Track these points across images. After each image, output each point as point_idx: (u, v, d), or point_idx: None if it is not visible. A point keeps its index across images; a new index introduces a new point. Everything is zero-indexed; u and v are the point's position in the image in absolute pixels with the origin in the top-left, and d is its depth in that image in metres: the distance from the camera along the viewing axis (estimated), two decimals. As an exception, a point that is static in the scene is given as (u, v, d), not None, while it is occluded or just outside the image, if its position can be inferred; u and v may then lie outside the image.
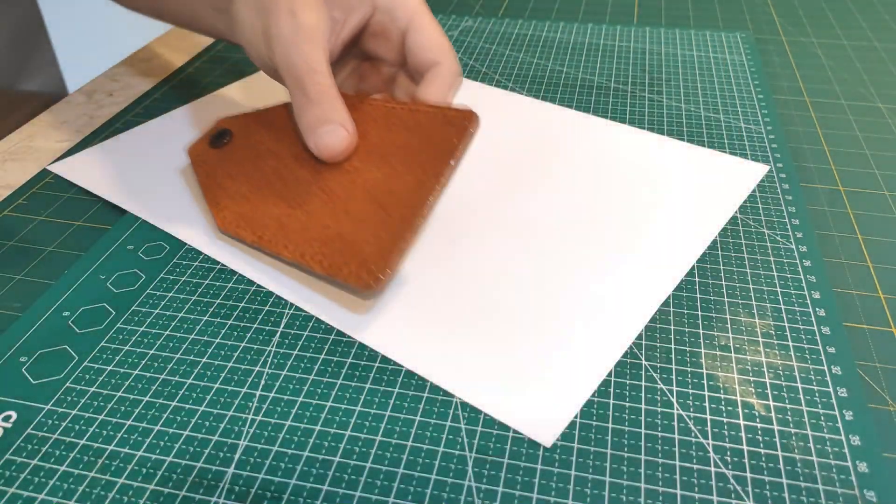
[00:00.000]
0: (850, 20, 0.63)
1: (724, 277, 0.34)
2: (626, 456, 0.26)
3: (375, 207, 0.33)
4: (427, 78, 0.37)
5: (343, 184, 0.34)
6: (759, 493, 0.25)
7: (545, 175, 0.41)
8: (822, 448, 0.26)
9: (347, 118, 0.34)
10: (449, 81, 0.36)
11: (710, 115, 0.47)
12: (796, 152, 0.44)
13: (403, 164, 0.34)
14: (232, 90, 0.49)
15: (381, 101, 0.36)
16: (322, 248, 0.32)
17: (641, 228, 0.37)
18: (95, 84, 0.52)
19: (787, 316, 0.32)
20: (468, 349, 0.30)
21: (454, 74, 0.37)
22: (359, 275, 0.30)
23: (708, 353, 0.30)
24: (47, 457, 0.26)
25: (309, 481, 0.25)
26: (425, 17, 0.37)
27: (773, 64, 0.55)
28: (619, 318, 0.31)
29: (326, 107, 0.34)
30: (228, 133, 0.39)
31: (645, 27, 0.60)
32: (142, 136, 0.44)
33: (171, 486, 0.25)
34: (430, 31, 0.37)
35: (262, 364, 0.30)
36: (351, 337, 0.31)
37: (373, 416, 0.27)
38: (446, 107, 0.34)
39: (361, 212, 0.33)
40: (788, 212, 0.38)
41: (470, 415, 0.27)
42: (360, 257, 0.31)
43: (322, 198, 0.34)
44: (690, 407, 0.28)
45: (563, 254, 0.35)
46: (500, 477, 0.25)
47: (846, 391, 0.28)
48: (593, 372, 0.29)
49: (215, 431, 0.27)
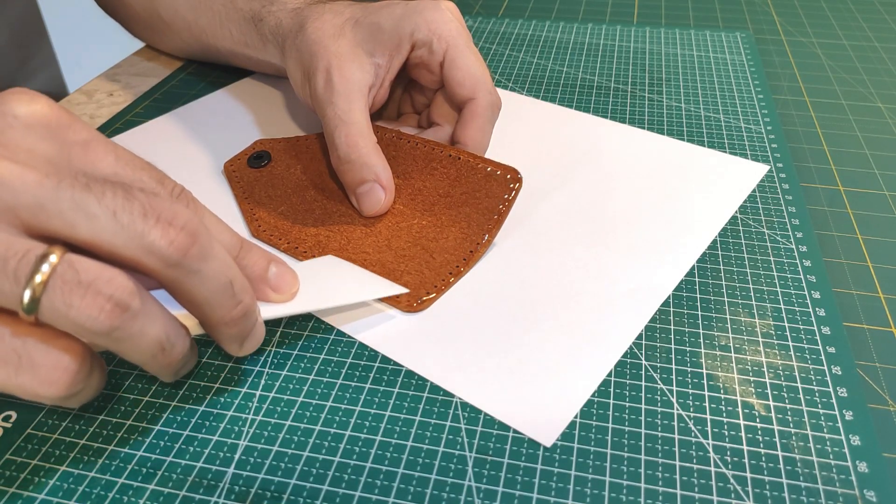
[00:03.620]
0: (850, 20, 0.63)
1: (724, 277, 0.34)
2: (626, 456, 0.26)
3: (419, 250, 0.34)
4: (463, 116, 0.37)
5: (388, 224, 0.35)
6: (759, 493, 0.25)
7: (543, 174, 0.41)
8: (822, 448, 0.26)
9: (382, 171, 0.35)
10: (483, 120, 0.37)
11: (710, 115, 0.47)
12: (796, 152, 0.44)
13: (448, 216, 0.35)
14: (232, 90, 0.49)
15: (422, 143, 0.37)
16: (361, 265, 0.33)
17: (641, 228, 0.37)
18: (95, 84, 0.52)
19: (787, 316, 0.32)
20: (468, 349, 0.30)
21: (488, 110, 0.37)
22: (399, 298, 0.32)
23: (708, 353, 0.30)
24: (47, 457, 0.26)
25: (309, 481, 0.25)
26: (460, 50, 0.37)
27: (773, 64, 0.55)
28: (619, 318, 0.31)
29: (358, 164, 0.35)
30: (267, 156, 0.40)
31: (645, 27, 0.60)
32: (141, 137, 0.44)
33: (171, 486, 0.25)
34: (465, 65, 0.37)
35: (262, 364, 0.30)
36: (351, 337, 0.31)
37: (373, 416, 0.27)
38: (487, 163, 0.35)
39: (405, 250, 0.34)
40: (788, 212, 0.38)
41: (470, 415, 0.27)
42: (401, 281, 0.32)
43: (365, 231, 0.35)
44: (690, 407, 0.28)
45: (562, 253, 0.35)
46: (500, 477, 0.25)
47: (846, 391, 0.28)
48: (593, 372, 0.29)
49: (215, 431, 0.27)
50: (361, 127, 0.35)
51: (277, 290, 0.28)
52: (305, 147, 0.40)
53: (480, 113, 0.37)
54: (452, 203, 0.35)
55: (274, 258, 0.29)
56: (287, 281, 0.29)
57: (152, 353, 0.24)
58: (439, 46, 0.37)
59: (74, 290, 0.21)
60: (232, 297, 0.25)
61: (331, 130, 0.35)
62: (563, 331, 0.31)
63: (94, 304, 0.21)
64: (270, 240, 0.35)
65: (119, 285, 0.22)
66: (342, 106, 0.35)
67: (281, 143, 0.41)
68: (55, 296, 0.21)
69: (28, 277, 0.21)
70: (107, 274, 0.22)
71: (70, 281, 0.21)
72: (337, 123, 0.35)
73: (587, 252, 0.35)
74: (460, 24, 0.38)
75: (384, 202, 0.35)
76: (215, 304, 0.24)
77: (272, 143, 0.41)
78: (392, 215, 0.36)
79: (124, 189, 0.23)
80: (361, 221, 0.36)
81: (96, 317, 0.21)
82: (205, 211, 0.27)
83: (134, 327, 0.22)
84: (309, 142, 0.40)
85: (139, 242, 0.22)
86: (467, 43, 0.37)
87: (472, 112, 0.37)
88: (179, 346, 0.25)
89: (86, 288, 0.21)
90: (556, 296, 0.33)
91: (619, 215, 0.38)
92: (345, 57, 0.36)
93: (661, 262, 0.35)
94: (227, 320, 0.25)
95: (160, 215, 0.23)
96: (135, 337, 0.23)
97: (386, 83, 0.38)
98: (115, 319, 0.22)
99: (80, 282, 0.21)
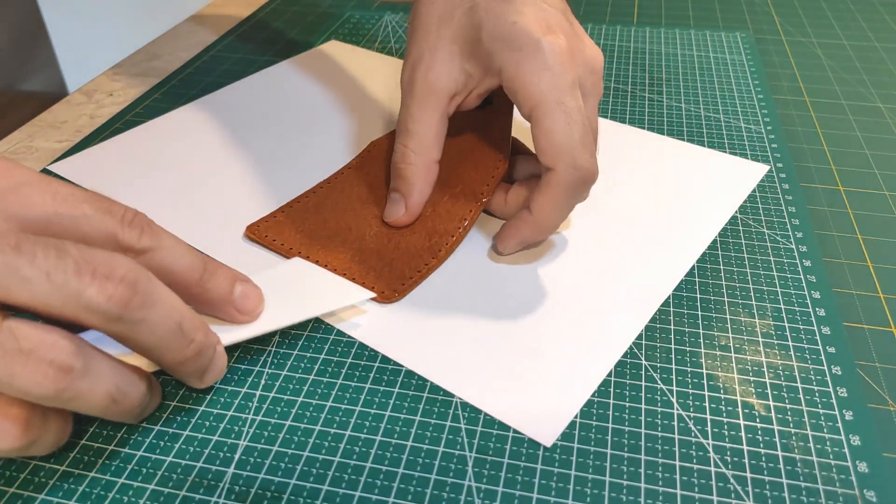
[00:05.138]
0: (850, 20, 0.63)
1: (724, 277, 0.34)
2: (626, 456, 0.26)
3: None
4: (539, 183, 0.32)
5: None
6: (759, 493, 0.25)
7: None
8: (822, 448, 0.26)
9: (417, 192, 0.34)
10: (557, 194, 0.31)
11: (710, 115, 0.47)
12: (796, 152, 0.44)
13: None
14: (232, 91, 0.49)
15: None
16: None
17: (641, 228, 0.37)
18: (95, 84, 0.52)
19: (787, 316, 0.32)
20: (468, 349, 0.30)
21: (568, 186, 0.31)
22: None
23: (708, 353, 0.30)
24: (47, 457, 0.26)
25: (309, 481, 0.25)
26: (546, 110, 0.30)
27: (773, 64, 0.55)
28: (619, 318, 0.31)
29: (401, 175, 0.35)
30: None
31: (645, 27, 0.60)
32: (142, 136, 0.44)
33: (171, 486, 0.25)
34: (549, 130, 0.30)
35: (262, 364, 0.30)
36: (351, 337, 0.31)
37: (373, 416, 0.27)
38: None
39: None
40: (788, 212, 0.38)
41: (470, 415, 0.27)
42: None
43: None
44: (690, 407, 0.28)
45: (562, 253, 0.35)
46: (500, 477, 0.25)
47: (846, 391, 0.28)
48: (593, 372, 0.29)
49: (215, 431, 0.27)
50: (422, 140, 0.34)
51: (242, 311, 0.28)
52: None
53: (555, 186, 0.31)
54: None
55: (239, 276, 0.28)
56: (253, 301, 0.28)
57: (104, 406, 0.23)
58: (525, 101, 0.31)
59: (16, 359, 0.21)
60: (182, 338, 0.24)
61: (397, 132, 0.35)
62: (563, 331, 0.31)
63: (38, 371, 0.21)
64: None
65: (61, 349, 0.22)
66: (414, 112, 0.34)
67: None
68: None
69: None
70: (49, 338, 0.22)
71: (10, 350, 0.21)
72: (401, 129, 0.35)
73: (587, 252, 0.35)
74: (561, 73, 0.31)
75: (401, 220, 0.35)
76: (166, 349, 0.24)
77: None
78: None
79: (56, 246, 0.22)
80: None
81: (40, 382, 0.21)
82: (163, 235, 0.26)
83: (81, 387, 0.22)
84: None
85: (76, 301, 0.22)
86: (559, 99, 0.30)
87: (547, 182, 0.31)
88: (133, 393, 0.24)
89: (27, 356, 0.21)
90: (556, 295, 0.33)
91: (619, 215, 0.38)
92: (437, 55, 0.33)
93: (661, 262, 0.34)
94: (181, 360, 0.25)
95: (95, 270, 0.22)
96: (83, 395, 0.22)
97: (474, 95, 0.35)
98: (59, 383, 0.21)
99: (20, 350, 0.21)
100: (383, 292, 0.32)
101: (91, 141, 0.44)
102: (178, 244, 0.26)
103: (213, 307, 0.27)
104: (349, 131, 0.45)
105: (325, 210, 0.37)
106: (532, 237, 0.33)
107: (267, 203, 0.38)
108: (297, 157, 0.42)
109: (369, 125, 0.45)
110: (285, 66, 0.52)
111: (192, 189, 0.39)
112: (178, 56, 0.55)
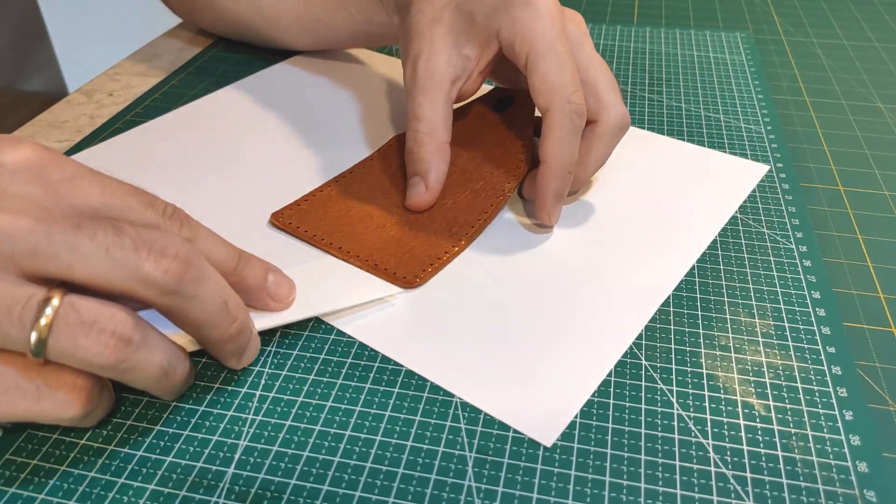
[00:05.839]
0: (850, 20, 0.63)
1: (724, 277, 0.34)
2: (626, 456, 0.26)
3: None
4: (542, 130, 0.34)
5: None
6: (759, 493, 0.25)
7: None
8: (822, 448, 0.26)
9: (434, 171, 0.36)
10: (560, 132, 0.33)
11: (710, 114, 0.47)
12: (796, 152, 0.44)
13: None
14: (232, 91, 0.49)
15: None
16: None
17: (641, 228, 0.37)
18: (95, 84, 0.52)
19: (787, 316, 0.32)
20: (468, 349, 0.30)
21: (566, 120, 0.33)
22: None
23: (708, 353, 0.30)
24: (47, 457, 0.26)
25: (309, 481, 0.25)
26: (540, 53, 0.34)
27: (773, 64, 0.55)
28: (619, 318, 0.31)
29: (416, 158, 0.36)
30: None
31: (645, 27, 0.60)
32: (142, 136, 0.44)
33: (171, 486, 0.25)
34: (542, 71, 0.33)
35: (262, 364, 0.30)
36: (351, 337, 0.31)
37: (373, 416, 0.27)
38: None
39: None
40: (788, 212, 0.38)
41: (470, 415, 0.27)
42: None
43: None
44: (690, 407, 0.28)
45: (562, 254, 0.35)
46: (500, 477, 0.25)
47: (846, 391, 0.28)
48: (593, 372, 0.29)
49: (215, 431, 0.27)
50: (430, 123, 0.36)
51: (276, 298, 0.29)
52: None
53: (557, 125, 0.33)
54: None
55: (271, 267, 0.29)
56: (285, 289, 0.30)
57: (156, 378, 0.24)
58: (522, 49, 0.34)
59: (78, 330, 0.22)
60: (228, 315, 0.26)
61: (406, 121, 0.37)
62: (563, 330, 0.31)
63: (99, 342, 0.22)
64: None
65: (120, 320, 0.23)
66: (419, 100, 0.36)
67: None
68: (61, 337, 0.22)
69: (33, 322, 0.22)
70: (107, 311, 0.23)
71: (73, 322, 0.22)
72: (410, 117, 0.36)
73: (587, 252, 0.35)
74: (551, 23, 0.34)
75: (423, 199, 0.36)
76: (213, 325, 0.25)
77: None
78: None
79: (114, 225, 0.23)
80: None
81: (101, 352, 0.22)
82: (199, 227, 0.27)
83: (138, 358, 0.23)
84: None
85: (134, 275, 0.23)
86: (552, 43, 0.33)
87: (548, 125, 0.34)
88: (181, 368, 0.26)
89: (89, 327, 0.22)
90: (557, 296, 0.33)
91: (619, 215, 0.38)
92: (435, 47, 0.36)
93: (661, 262, 0.34)
94: (224, 338, 0.26)
95: (151, 246, 0.23)
96: (139, 367, 0.24)
97: (475, 75, 0.37)
98: (119, 353, 0.23)
99: (82, 322, 0.22)
100: (405, 277, 0.33)
101: (91, 141, 0.44)
102: (214, 235, 0.28)
103: (247, 294, 0.29)
104: (362, 127, 0.45)
105: (348, 199, 0.38)
106: (561, 185, 0.34)
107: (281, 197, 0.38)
108: (304, 155, 0.42)
109: (381, 120, 0.45)
110: (296, 62, 0.53)
111: (194, 189, 0.39)
112: (178, 56, 0.55)
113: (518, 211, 0.38)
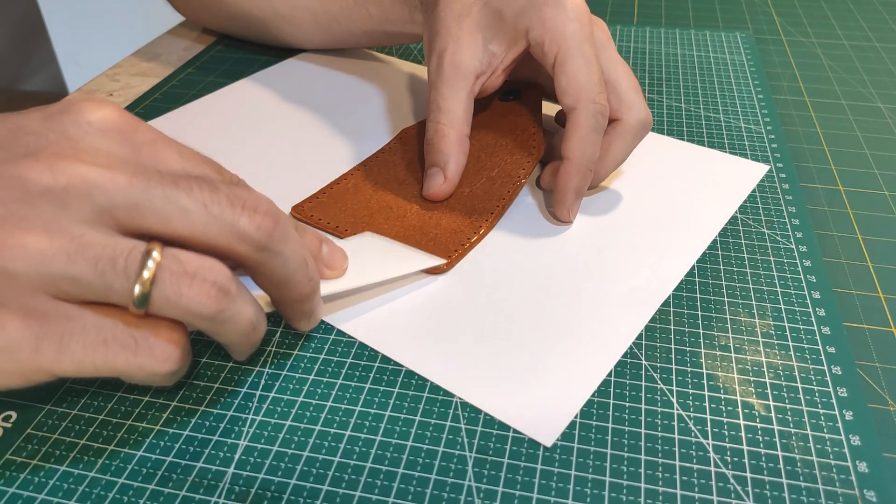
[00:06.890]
0: (850, 20, 0.63)
1: (724, 277, 0.34)
2: (626, 456, 0.26)
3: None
4: (566, 128, 0.35)
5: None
6: (759, 493, 0.25)
7: (545, 175, 0.41)
8: (822, 448, 0.26)
9: (453, 162, 0.37)
10: (584, 131, 0.34)
11: (710, 115, 0.47)
12: (796, 152, 0.44)
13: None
14: (232, 90, 0.49)
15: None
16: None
17: (641, 228, 0.37)
18: (95, 84, 0.52)
19: (787, 316, 0.32)
20: (468, 349, 0.30)
21: (591, 120, 0.34)
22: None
23: (708, 353, 0.30)
24: (47, 457, 0.26)
25: (309, 481, 0.25)
26: (570, 53, 0.35)
27: (773, 64, 0.55)
28: (619, 318, 0.31)
29: (436, 149, 0.37)
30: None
31: (645, 27, 0.60)
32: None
33: (171, 486, 0.25)
34: (571, 70, 0.34)
35: (262, 364, 0.30)
36: (351, 337, 0.31)
37: (373, 416, 0.27)
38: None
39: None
40: (788, 212, 0.38)
41: (470, 415, 0.27)
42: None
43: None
44: (690, 407, 0.28)
45: (562, 254, 0.35)
46: (500, 477, 0.25)
47: (846, 391, 0.28)
48: (593, 372, 0.29)
49: (215, 431, 0.27)
50: (452, 116, 0.37)
51: (331, 266, 0.30)
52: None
53: (581, 124, 0.34)
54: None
55: (324, 238, 0.30)
56: (339, 257, 0.30)
57: (246, 332, 0.25)
58: (551, 48, 0.35)
59: (182, 280, 0.22)
60: (306, 273, 0.26)
61: (428, 112, 0.38)
62: (563, 330, 0.31)
63: (202, 291, 0.23)
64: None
65: (219, 272, 0.23)
66: (443, 91, 0.37)
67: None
68: (165, 287, 0.22)
69: (137, 273, 0.22)
70: (206, 262, 0.23)
71: (177, 272, 0.22)
72: (433, 108, 0.37)
73: (587, 252, 0.35)
74: (580, 25, 0.35)
75: (441, 189, 0.37)
76: (294, 283, 0.26)
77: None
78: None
79: (208, 181, 0.24)
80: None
81: (204, 301, 0.23)
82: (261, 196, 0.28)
83: (236, 309, 0.24)
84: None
85: (231, 230, 0.23)
86: (581, 45, 0.35)
87: (573, 123, 0.35)
88: (262, 325, 0.26)
89: (192, 277, 0.23)
90: (557, 296, 0.33)
91: (619, 215, 0.38)
92: (462, 41, 0.37)
93: (661, 262, 0.34)
94: (301, 297, 0.27)
95: (245, 203, 0.24)
96: (235, 318, 0.24)
97: (499, 71, 0.38)
98: (220, 303, 0.23)
99: (185, 272, 0.23)
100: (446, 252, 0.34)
101: (91, 141, 0.44)
102: None
103: None
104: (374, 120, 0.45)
105: (366, 191, 0.38)
106: (581, 182, 0.35)
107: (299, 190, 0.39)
108: (318, 148, 0.42)
109: (392, 115, 0.45)
110: (305, 58, 0.53)
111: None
112: (178, 56, 0.55)
113: (517, 212, 0.38)
